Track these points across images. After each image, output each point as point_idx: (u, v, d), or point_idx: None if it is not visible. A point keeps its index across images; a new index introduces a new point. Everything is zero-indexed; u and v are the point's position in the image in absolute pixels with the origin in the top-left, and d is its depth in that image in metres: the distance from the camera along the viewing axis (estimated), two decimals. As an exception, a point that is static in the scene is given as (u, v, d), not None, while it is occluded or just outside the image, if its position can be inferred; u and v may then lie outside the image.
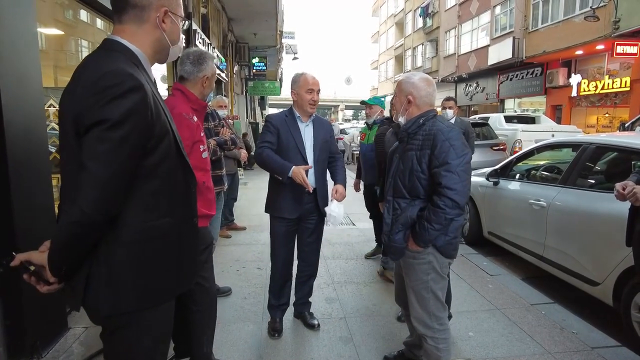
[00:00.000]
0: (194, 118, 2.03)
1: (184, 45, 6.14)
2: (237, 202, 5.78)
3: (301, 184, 2.40)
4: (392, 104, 2.17)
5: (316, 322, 2.85)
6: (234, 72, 13.62)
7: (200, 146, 2.05)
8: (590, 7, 12.06)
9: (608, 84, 12.78)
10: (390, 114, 2.89)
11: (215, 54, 9.18)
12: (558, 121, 13.97)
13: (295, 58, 21.07)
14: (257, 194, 2.59)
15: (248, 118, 17.26)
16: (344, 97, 55.06)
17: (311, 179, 2.54)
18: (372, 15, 41.78)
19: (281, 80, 23.08)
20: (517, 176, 4.28)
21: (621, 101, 12.81)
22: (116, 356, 1.27)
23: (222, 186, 3.16)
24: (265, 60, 16.39)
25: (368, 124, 4.09)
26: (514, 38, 16.03)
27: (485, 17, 19.18)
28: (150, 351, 1.27)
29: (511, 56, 16.07)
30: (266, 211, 2.70)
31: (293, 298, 2.91)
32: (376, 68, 40.61)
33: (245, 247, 4.65)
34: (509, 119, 10.58)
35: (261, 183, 2.84)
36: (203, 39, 7.80)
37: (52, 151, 2.73)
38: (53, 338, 2.53)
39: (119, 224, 1.13)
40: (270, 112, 15.93)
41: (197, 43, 7.17)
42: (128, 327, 1.21)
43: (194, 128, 2.01)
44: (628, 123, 9.55)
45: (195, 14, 7.58)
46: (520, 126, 9.64)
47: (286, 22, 21.55)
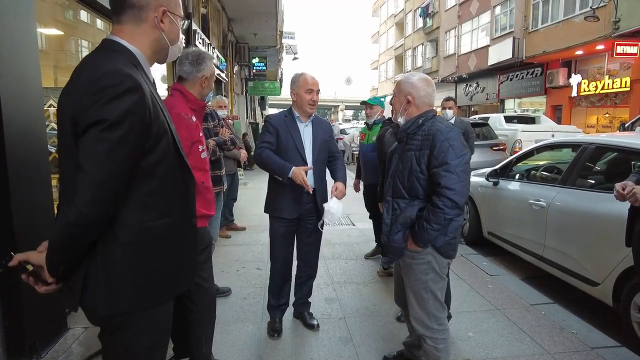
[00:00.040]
0: (193, 118, 2.03)
1: (184, 45, 6.14)
2: (237, 203, 5.78)
3: (301, 185, 2.40)
4: (392, 104, 2.17)
5: (316, 323, 2.85)
6: (234, 72, 13.62)
7: (199, 146, 2.05)
8: (590, 7, 12.06)
9: (608, 84, 12.78)
10: (392, 114, 2.89)
11: (215, 54, 9.19)
12: (558, 121, 13.97)
13: (295, 58, 21.08)
14: (257, 194, 2.60)
15: (248, 118, 17.27)
16: (344, 98, 55.04)
17: (310, 180, 2.53)
18: (372, 15, 41.80)
19: (281, 80, 23.09)
20: (517, 176, 4.28)
21: (621, 101, 12.81)
22: (115, 357, 1.27)
23: (222, 186, 3.16)
24: (265, 60, 16.40)
25: (368, 124, 4.09)
26: (514, 38, 16.03)
27: (485, 17, 19.19)
28: (148, 352, 1.27)
29: (511, 56, 16.07)
30: (265, 211, 2.70)
31: (293, 298, 2.91)
32: (376, 68, 40.62)
33: (245, 248, 4.65)
34: (509, 119, 10.58)
35: (261, 183, 2.84)
36: (203, 39, 7.81)
37: (52, 151, 2.73)
38: (52, 338, 2.52)
39: (117, 225, 1.13)
40: (270, 113, 15.93)
41: (197, 43, 7.17)
42: (126, 328, 1.20)
43: (193, 128, 2.01)
44: (628, 123, 9.54)
45: (195, 14, 7.58)
46: (520, 126, 9.65)
47: (286, 23, 21.56)
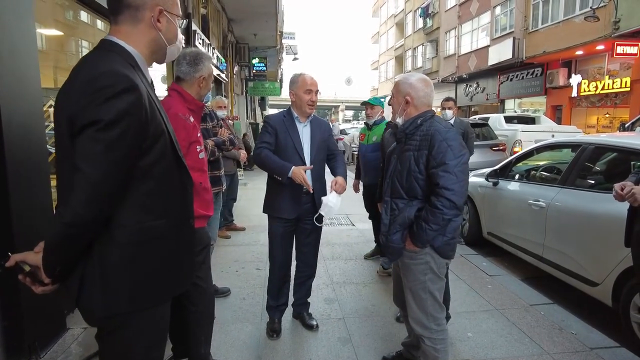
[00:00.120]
0: (191, 118, 2.03)
1: (184, 45, 6.14)
2: (237, 203, 5.79)
3: (301, 184, 2.40)
4: (390, 105, 2.17)
5: (315, 323, 2.85)
6: (234, 73, 13.63)
7: (196, 147, 2.05)
8: (590, 8, 12.05)
9: (608, 84, 12.76)
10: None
11: (215, 55, 9.19)
12: (558, 121, 13.96)
13: (295, 59, 21.10)
14: (257, 195, 2.60)
15: (248, 119, 17.28)
16: (344, 98, 55.06)
17: (309, 179, 2.53)
18: (373, 15, 41.81)
19: (281, 80, 23.11)
20: (517, 176, 4.28)
21: (621, 101, 12.80)
22: (113, 357, 1.27)
23: (221, 187, 3.15)
24: (265, 60, 16.41)
25: (368, 125, 4.08)
26: (514, 38, 16.02)
27: (485, 18, 19.18)
28: (148, 351, 1.27)
29: (511, 56, 16.06)
30: (264, 211, 2.70)
31: (292, 299, 2.90)
32: (376, 68, 40.62)
33: (244, 248, 4.64)
34: (509, 120, 10.58)
35: (261, 184, 2.84)
36: (203, 40, 7.81)
37: (52, 151, 2.73)
38: (51, 338, 2.52)
39: (114, 225, 1.12)
40: (270, 113, 15.96)
41: (197, 43, 7.17)
42: (123, 329, 1.20)
43: (190, 129, 2.01)
44: (628, 123, 9.54)
45: (194, 15, 7.59)
46: (520, 126, 9.64)
47: (286, 23, 21.60)
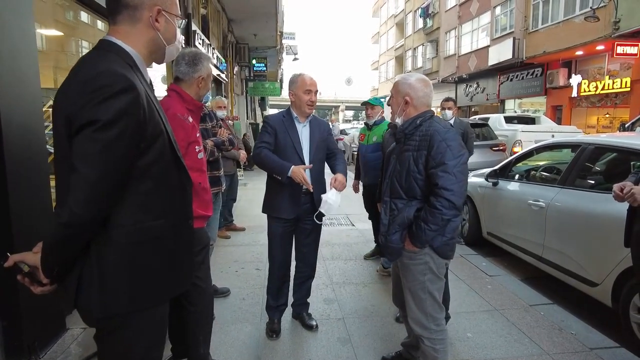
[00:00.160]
0: (189, 119, 2.03)
1: (183, 45, 6.14)
2: (237, 203, 5.79)
3: (301, 183, 2.40)
4: (389, 105, 2.17)
5: (314, 323, 2.85)
6: (234, 73, 13.64)
7: (195, 147, 2.05)
8: (590, 8, 12.05)
9: (608, 85, 12.76)
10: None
11: (215, 55, 9.19)
12: (558, 122, 13.96)
13: (295, 59, 21.11)
14: (257, 195, 2.61)
15: (248, 119, 17.28)
16: (345, 98, 55.05)
17: (308, 179, 2.53)
18: (373, 16, 41.80)
19: (281, 81, 23.12)
20: (517, 177, 4.28)
21: (621, 101, 12.79)
22: (113, 357, 1.26)
23: (220, 187, 3.16)
24: (265, 61, 16.41)
25: (368, 125, 4.08)
26: (514, 38, 16.02)
27: (485, 18, 19.18)
28: (148, 351, 1.27)
29: (511, 57, 16.06)
30: (263, 211, 2.70)
31: (291, 299, 2.90)
32: (377, 69, 40.61)
33: (244, 248, 4.64)
34: (509, 120, 10.58)
35: (261, 184, 2.84)
36: (203, 40, 7.82)
37: (52, 152, 2.73)
38: (51, 338, 2.52)
39: (112, 225, 1.12)
40: (270, 113, 15.97)
41: (197, 44, 7.18)
42: (121, 329, 1.20)
43: (189, 129, 2.01)
44: (628, 123, 9.53)
45: (194, 15, 7.59)
46: (520, 127, 9.64)
47: (286, 23, 21.61)
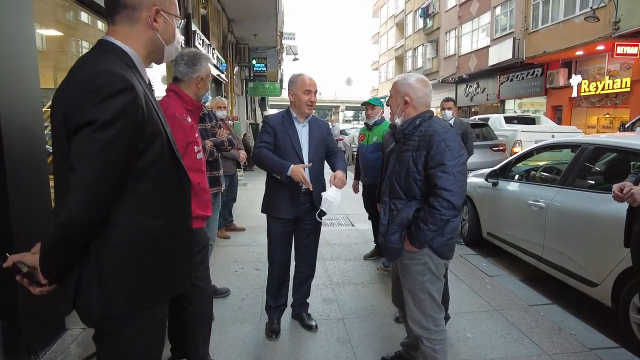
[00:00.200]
0: (188, 119, 2.03)
1: (183, 45, 6.14)
2: (237, 203, 5.79)
3: (301, 182, 2.40)
4: (389, 105, 2.17)
5: (314, 323, 2.85)
6: (234, 73, 13.64)
7: (194, 147, 2.04)
8: (590, 8, 12.05)
9: (608, 85, 12.76)
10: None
11: (215, 55, 9.19)
12: (559, 122, 13.96)
13: (295, 59, 21.13)
14: (257, 195, 2.60)
15: (248, 119, 17.28)
16: (345, 98, 55.03)
17: (307, 178, 2.53)
18: (373, 16, 41.80)
19: (282, 81, 23.13)
20: (516, 177, 4.28)
21: (621, 102, 12.79)
22: (113, 357, 1.26)
23: (219, 187, 3.15)
24: (265, 61, 16.41)
25: (368, 125, 4.08)
26: (514, 39, 16.01)
27: (485, 18, 19.18)
28: (148, 351, 1.27)
29: (511, 57, 16.05)
30: (263, 211, 2.70)
31: (291, 299, 2.90)
32: (377, 69, 40.60)
33: (244, 248, 4.64)
34: (509, 120, 10.58)
35: (261, 184, 2.84)
36: (203, 40, 7.81)
37: (51, 152, 2.73)
38: (50, 339, 2.52)
39: (110, 226, 1.12)
40: (270, 113, 15.98)
41: (197, 44, 7.18)
42: (120, 330, 1.20)
43: (188, 129, 2.01)
44: (628, 124, 9.53)
45: (194, 15, 7.59)
46: (520, 127, 9.64)
47: (286, 23, 21.63)
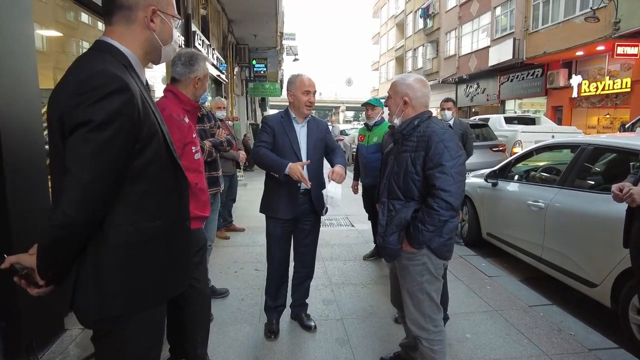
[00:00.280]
0: (185, 119, 2.03)
1: (183, 46, 6.15)
2: (236, 204, 5.79)
3: (299, 180, 2.40)
4: (387, 106, 2.17)
5: (313, 324, 2.84)
6: (234, 74, 13.64)
7: (192, 147, 2.04)
8: (590, 8, 12.05)
9: (609, 85, 12.75)
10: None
11: (215, 56, 9.19)
12: (559, 122, 13.96)
13: (296, 59, 21.15)
14: (257, 195, 2.59)
15: (248, 119, 17.28)
16: (345, 99, 55.02)
17: (306, 176, 2.52)
18: (373, 16, 41.81)
19: (282, 81, 23.13)
20: (516, 177, 4.27)
21: (622, 102, 12.78)
22: (113, 357, 1.25)
23: (218, 188, 3.14)
24: (265, 61, 16.42)
25: (368, 125, 4.07)
26: (515, 39, 16.01)
27: (485, 18, 19.18)
28: (147, 351, 1.27)
29: (512, 57, 16.05)
30: (261, 211, 2.70)
31: (290, 300, 2.90)
32: (377, 69, 40.61)
33: (243, 249, 4.64)
34: (509, 120, 10.58)
35: (260, 184, 2.84)
36: (203, 41, 7.82)
37: (50, 152, 2.73)
38: (49, 339, 2.52)
39: (108, 226, 1.12)
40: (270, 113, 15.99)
41: (197, 44, 7.18)
42: (118, 331, 1.19)
43: (185, 129, 2.01)
44: (628, 124, 9.52)
45: (194, 16, 7.59)
46: (520, 127, 9.64)
47: (287, 24, 21.64)
